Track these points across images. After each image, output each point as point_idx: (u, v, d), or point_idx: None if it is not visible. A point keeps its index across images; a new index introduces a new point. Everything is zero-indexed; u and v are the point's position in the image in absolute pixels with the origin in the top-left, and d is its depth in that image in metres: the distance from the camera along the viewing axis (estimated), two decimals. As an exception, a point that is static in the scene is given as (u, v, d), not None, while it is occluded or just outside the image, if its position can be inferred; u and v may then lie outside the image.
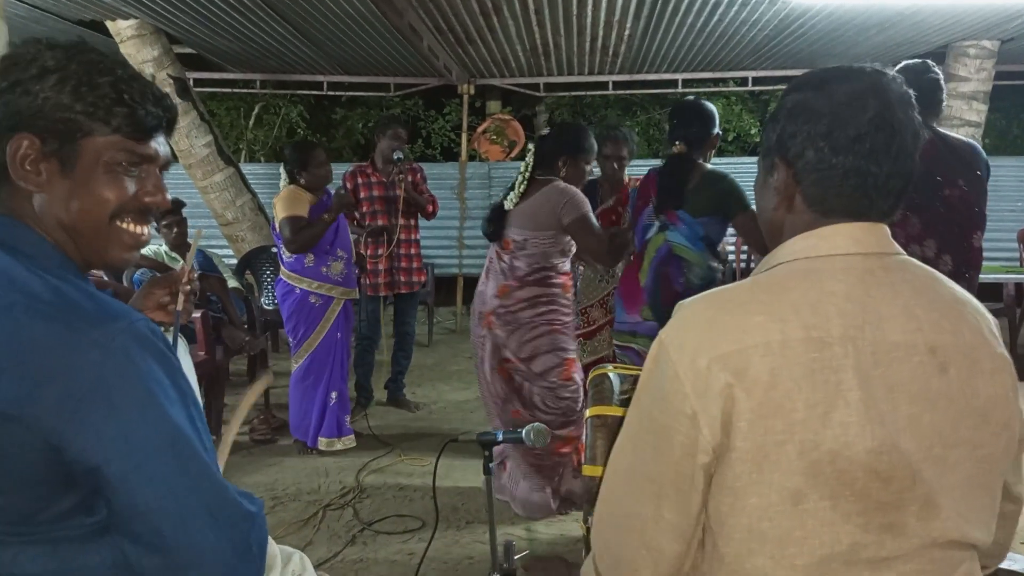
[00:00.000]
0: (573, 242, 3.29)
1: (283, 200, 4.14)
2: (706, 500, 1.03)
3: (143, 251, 1.70)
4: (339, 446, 4.27)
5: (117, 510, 0.96)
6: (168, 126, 1.12)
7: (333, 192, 4.33)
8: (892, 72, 1.08)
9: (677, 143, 3.11)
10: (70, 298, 0.97)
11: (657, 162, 9.79)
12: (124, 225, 1.08)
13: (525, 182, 3.29)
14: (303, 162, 4.21)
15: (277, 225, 4.16)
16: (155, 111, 1.08)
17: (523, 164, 3.34)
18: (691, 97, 3.47)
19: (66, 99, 1.01)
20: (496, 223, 3.33)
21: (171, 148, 1.18)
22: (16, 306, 0.94)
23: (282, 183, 4.30)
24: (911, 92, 1.07)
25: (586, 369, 4.07)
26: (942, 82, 2.97)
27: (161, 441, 0.96)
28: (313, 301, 4.20)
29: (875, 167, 1.03)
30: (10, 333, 0.93)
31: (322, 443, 4.25)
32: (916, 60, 3.00)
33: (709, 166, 3.12)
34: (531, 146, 3.36)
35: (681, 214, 3.06)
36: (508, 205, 3.30)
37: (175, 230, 4.74)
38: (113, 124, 1.03)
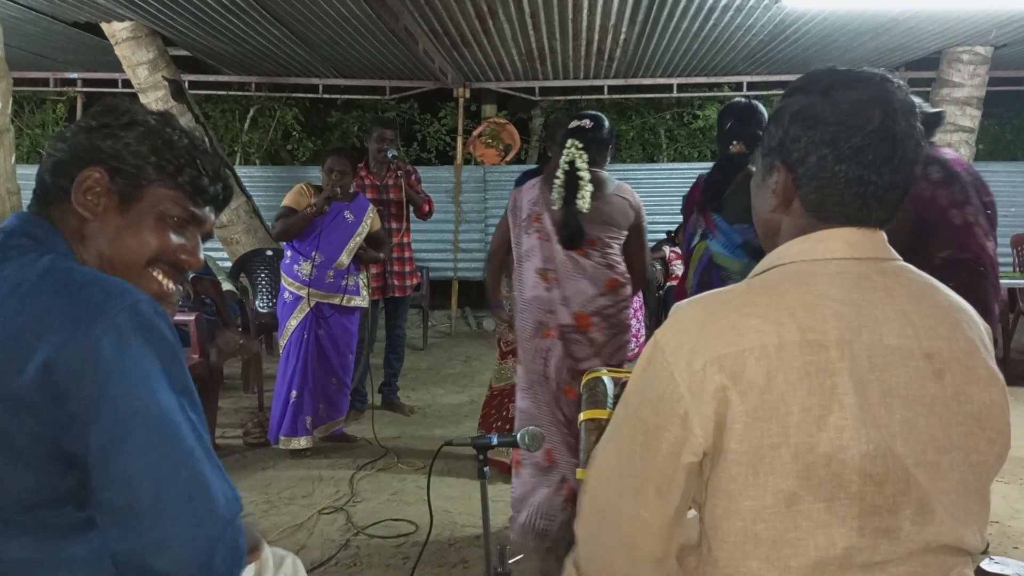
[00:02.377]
0: None
1: (289, 192, 4.32)
2: (687, 500, 1.03)
3: None
4: (295, 445, 4.22)
5: (96, 483, 0.97)
6: (222, 204, 1.26)
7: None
8: (897, 80, 1.08)
9: (735, 142, 3.02)
10: (79, 275, 1.04)
11: (653, 166, 9.69)
12: (156, 273, 1.18)
13: (589, 182, 2.99)
14: (323, 162, 4.36)
15: None
16: (217, 184, 1.22)
17: (577, 162, 2.99)
18: (740, 99, 3.36)
19: (144, 149, 1.14)
20: (577, 227, 2.99)
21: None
22: (26, 283, 1.01)
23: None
24: (915, 101, 1.07)
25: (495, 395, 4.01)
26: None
27: (147, 420, 0.97)
28: (286, 297, 4.27)
29: (876, 177, 1.04)
30: (20, 307, 0.99)
31: (282, 441, 4.23)
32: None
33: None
34: (573, 142, 3.01)
35: (717, 220, 3.02)
36: (584, 206, 2.97)
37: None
38: (179, 181, 1.16)
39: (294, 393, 4.23)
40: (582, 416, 1.47)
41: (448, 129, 11.01)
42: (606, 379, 1.53)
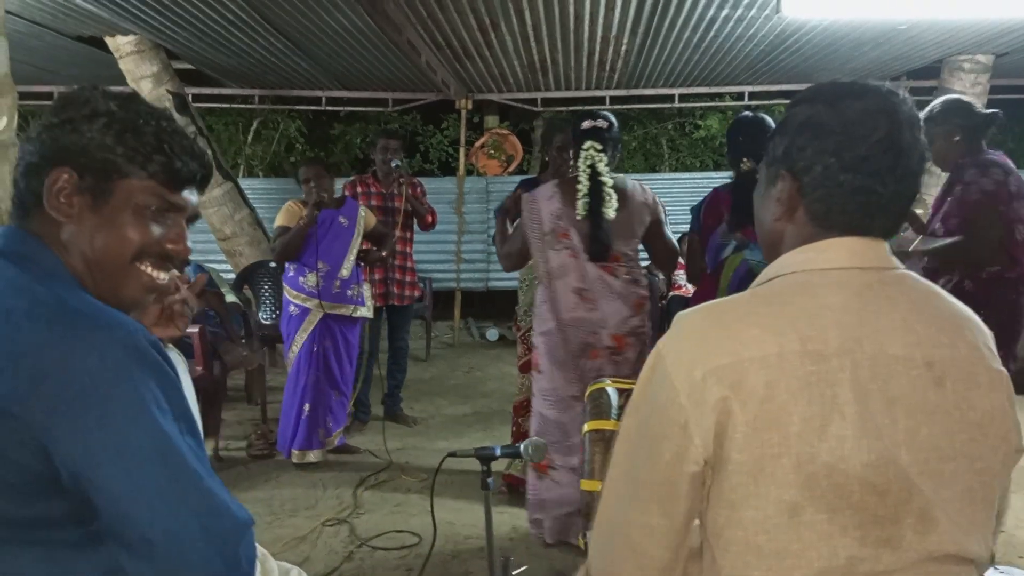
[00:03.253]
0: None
1: (279, 212, 4.30)
2: (694, 509, 1.03)
3: None
4: (309, 458, 4.24)
5: (107, 518, 0.97)
6: (202, 182, 1.18)
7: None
8: (902, 92, 1.08)
9: (745, 160, 3.01)
10: (72, 305, 1.00)
11: (655, 176, 9.70)
12: (143, 267, 1.13)
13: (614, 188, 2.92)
14: (297, 179, 4.34)
15: None
16: (192, 165, 1.14)
17: (599, 163, 2.91)
18: (748, 113, 3.33)
19: (110, 141, 1.08)
20: (604, 238, 2.94)
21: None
22: (16, 311, 0.97)
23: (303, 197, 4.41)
24: (919, 114, 1.08)
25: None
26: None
27: (151, 450, 0.97)
28: (292, 311, 4.25)
29: (880, 187, 1.04)
30: (10, 334, 0.95)
31: (295, 455, 4.24)
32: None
33: None
34: (593, 144, 2.95)
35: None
36: (611, 213, 2.90)
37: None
38: (150, 170, 1.10)
39: (307, 407, 4.23)
40: (586, 427, 1.48)
41: (450, 140, 11.04)
42: (610, 390, 1.53)
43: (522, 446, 1.95)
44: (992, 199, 2.87)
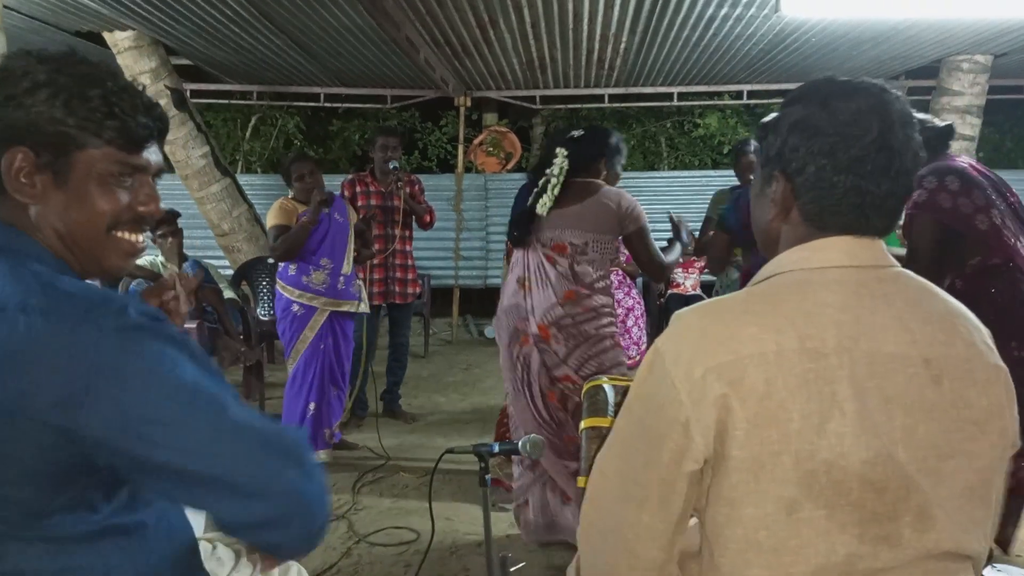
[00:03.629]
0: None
1: (271, 211, 4.23)
2: (689, 507, 1.03)
3: (139, 261, 1.69)
4: (320, 458, 4.24)
5: (179, 487, 0.98)
6: (160, 135, 1.13)
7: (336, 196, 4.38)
8: (895, 90, 1.09)
9: None
10: (60, 290, 0.98)
11: (654, 174, 9.67)
12: (120, 234, 1.10)
13: (559, 186, 3.06)
14: (286, 175, 4.31)
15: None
16: (146, 122, 1.09)
17: (555, 168, 3.08)
18: (775, 114, 3.26)
19: (58, 113, 1.02)
20: (523, 228, 3.11)
21: (164, 156, 1.20)
22: (9, 307, 0.95)
23: (290, 194, 4.37)
24: (912, 111, 1.08)
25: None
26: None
27: (185, 398, 0.96)
28: (295, 310, 4.19)
29: (874, 187, 1.05)
30: (7, 332, 0.94)
31: None
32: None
33: None
34: (561, 150, 3.11)
35: None
36: (541, 210, 3.04)
37: (170, 240, 4.73)
38: (105, 137, 1.05)
39: (312, 406, 4.21)
40: (583, 424, 1.48)
41: (449, 137, 11.04)
42: (607, 387, 1.54)
43: (520, 443, 1.96)
44: (923, 208, 2.82)
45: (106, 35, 6.44)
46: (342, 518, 3.51)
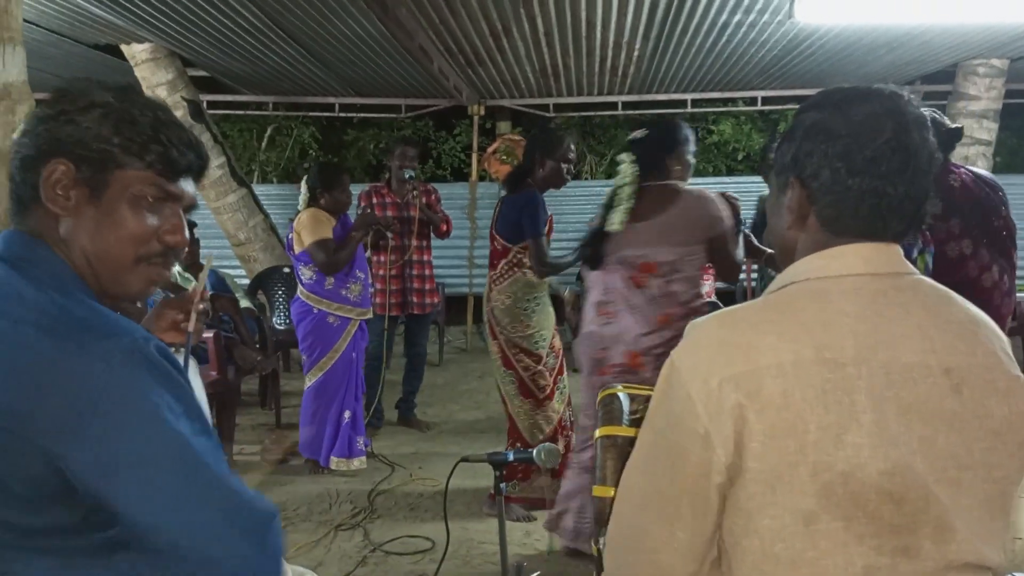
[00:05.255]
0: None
1: (307, 225, 4.17)
2: (719, 520, 1.02)
3: None
4: (353, 466, 4.27)
5: (130, 527, 0.96)
6: (198, 172, 1.17)
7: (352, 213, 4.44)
8: (908, 94, 1.08)
9: None
10: (76, 315, 0.99)
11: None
12: (147, 266, 1.12)
13: (633, 196, 2.82)
14: (329, 185, 4.26)
15: (306, 249, 4.16)
16: (188, 154, 1.13)
17: (625, 177, 2.85)
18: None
19: (106, 131, 1.06)
20: (597, 247, 2.87)
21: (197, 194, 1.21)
22: (23, 322, 0.96)
23: (301, 200, 4.33)
24: (927, 114, 1.07)
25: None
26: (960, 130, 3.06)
27: (166, 454, 0.97)
28: (331, 321, 4.23)
29: (891, 189, 1.04)
30: (15, 348, 0.95)
31: (334, 462, 4.24)
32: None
33: None
34: (624, 157, 2.89)
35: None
36: (616, 227, 2.79)
37: (187, 251, 4.75)
38: (147, 159, 1.08)
39: (347, 414, 4.26)
40: (597, 433, 1.47)
41: (463, 146, 11.08)
42: (621, 395, 1.53)
43: (535, 452, 1.96)
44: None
45: (124, 48, 6.50)
46: (358, 527, 3.52)
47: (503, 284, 3.59)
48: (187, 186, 1.15)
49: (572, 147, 3.63)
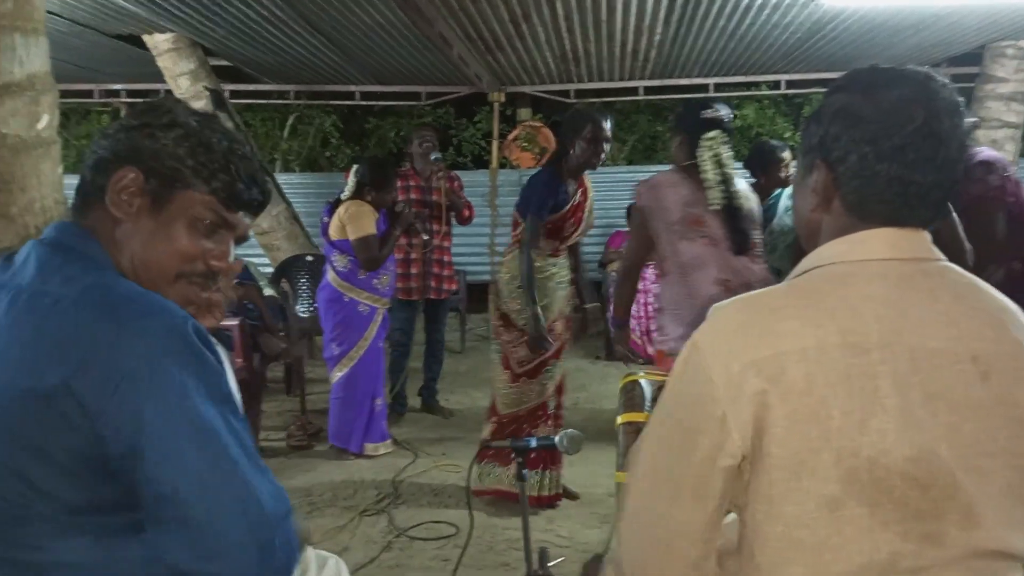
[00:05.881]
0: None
1: (354, 219, 4.21)
2: (724, 504, 1.02)
3: None
4: (383, 450, 4.37)
5: (148, 496, 0.99)
6: (258, 208, 1.22)
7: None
8: (941, 78, 1.05)
9: None
10: (118, 292, 1.03)
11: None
12: (187, 280, 1.16)
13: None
14: (379, 183, 4.32)
15: (351, 243, 4.22)
16: (253, 190, 1.19)
17: (727, 153, 2.80)
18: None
19: (182, 152, 1.12)
20: (741, 229, 2.78)
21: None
22: (64, 298, 1.01)
23: (347, 191, 4.37)
24: (959, 100, 1.05)
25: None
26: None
27: (192, 434, 0.99)
28: (362, 310, 4.31)
29: (919, 176, 1.02)
30: (57, 320, 0.99)
31: (368, 448, 4.33)
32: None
33: None
34: (715, 135, 2.80)
35: None
36: (747, 203, 2.79)
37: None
38: (212, 185, 1.14)
39: (379, 401, 4.37)
40: (619, 419, 1.48)
41: (483, 133, 11.06)
42: (643, 382, 1.54)
43: (556, 438, 1.96)
44: (991, 198, 2.99)
45: (146, 38, 6.55)
46: (382, 512, 3.55)
47: (508, 257, 3.60)
48: (244, 218, 1.21)
49: (604, 126, 3.47)
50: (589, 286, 3.96)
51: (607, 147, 3.50)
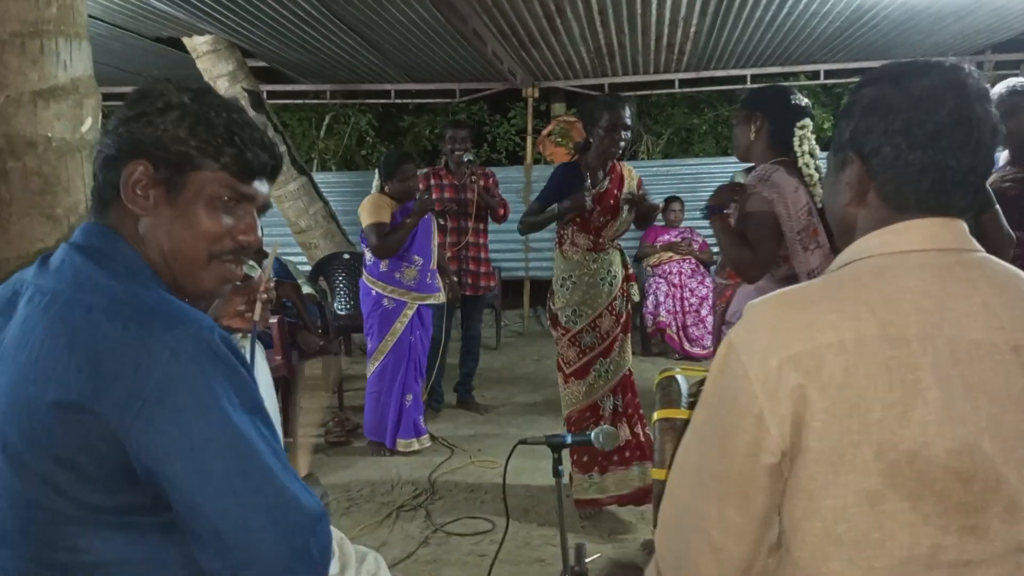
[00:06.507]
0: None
1: (366, 208, 4.33)
2: (774, 503, 1.01)
3: None
4: (416, 446, 4.37)
5: (178, 510, 0.99)
6: (272, 172, 1.20)
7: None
8: (969, 67, 1.05)
9: None
10: (147, 303, 1.03)
11: (727, 160, 9.46)
12: (220, 260, 1.16)
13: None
14: (390, 172, 4.39)
15: (363, 231, 4.33)
16: (262, 155, 1.16)
17: (813, 145, 2.59)
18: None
19: (183, 133, 1.10)
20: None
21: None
22: (96, 307, 1.01)
23: (374, 187, 4.48)
24: (989, 87, 1.04)
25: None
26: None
27: (223, 443, 0.99)
28: (387, 304, 4.33)
29: (954, 162, 1.01)
30: (89, 332, 0.99)
31: (400, 444, 4.34)
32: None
33: None
34: (807, 122, 2.58)
35: None
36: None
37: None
38: (222, 161, 1.12)
39: (409, 397, 4.37)
40: (656, 416, 1.46)
41: (517, 129, 11.04)
42: (680, 378, 1.52)
43: (592, 434, 1.95)
44: None
45: (185, 40, 6.65)
46: (420, 508, 3.57)
47: (553, 255, 3.63)
48: (261, 187, 1.18)
49: (621, 113, 3.39)
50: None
51: (626, 135, 3.43)
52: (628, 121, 3.43)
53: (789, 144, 2.53)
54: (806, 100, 2.65)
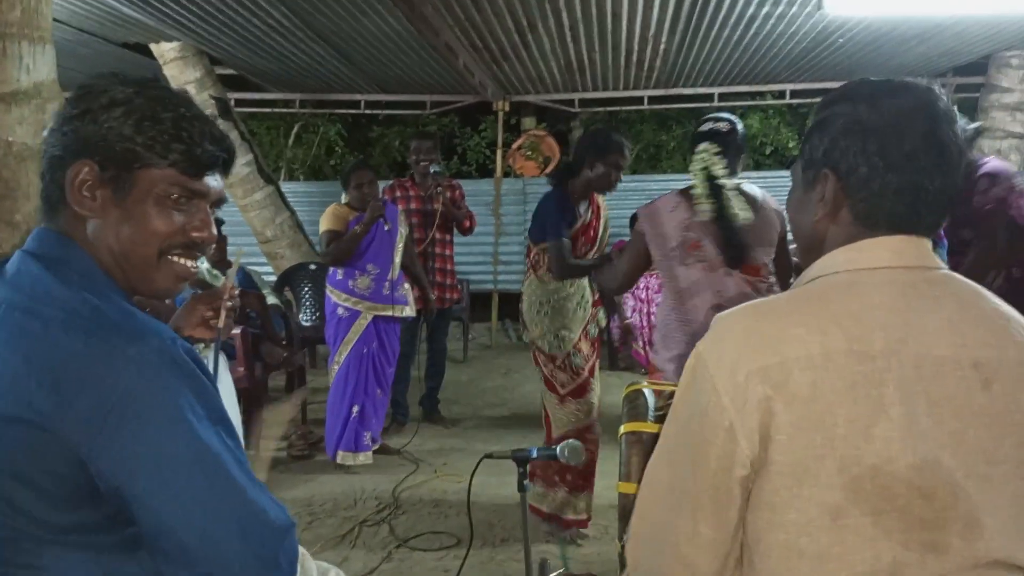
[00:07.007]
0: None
1: (325, 216, 4.36)
2: (743, 515, 1.01)
3: None
4: (351, 461, 4.24)
5: (144, 525, 0.97)
6: (224, 165, 1.15)
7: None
8: (939, 88, 1.07)
9: None
10: (107, 316, 1.00)
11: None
12: (173, 259, 1.11)
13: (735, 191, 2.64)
14: (344, 182, 4.44)
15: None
16: (211, 149, 1.11)
17: (714, 167, 2.64)
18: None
19: (128, 130, 1.05)
20: (737, 243, 2.62)
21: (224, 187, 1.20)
22: (54, 321, 0.97)
23: (343, 198, 4.50)
24: (954, 108, 1.07)
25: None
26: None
27: (188, 458, 0.97)
28: (341, 313, 4.30)
29: (928, 182, 1.03)
30: (47, 346, 0.96)
31: (339, 456, 4.24)
32: None
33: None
34: (709, 146, 2.65)
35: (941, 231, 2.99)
36: (746, 216, 2.59)
37: (215, 247, 4.79)
38: (169, 158, 1.07)
39: (356, 408, 4.26)
40: (622, 429, 1.46)
41: (488, 142, 11.08)
42: (647, 391, 1.52)
43: (558, 449, 1.95)
44: (1001, 205, 3.16)
45: (152, 46, 6.58)
46: (383, 523, 3.53)
47: (524, 284, 3.54)
48: (212, 181, 1.13)
49: (627, 152, 3.43)
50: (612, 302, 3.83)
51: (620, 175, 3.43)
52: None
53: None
54: (720, 125, 2.74)
